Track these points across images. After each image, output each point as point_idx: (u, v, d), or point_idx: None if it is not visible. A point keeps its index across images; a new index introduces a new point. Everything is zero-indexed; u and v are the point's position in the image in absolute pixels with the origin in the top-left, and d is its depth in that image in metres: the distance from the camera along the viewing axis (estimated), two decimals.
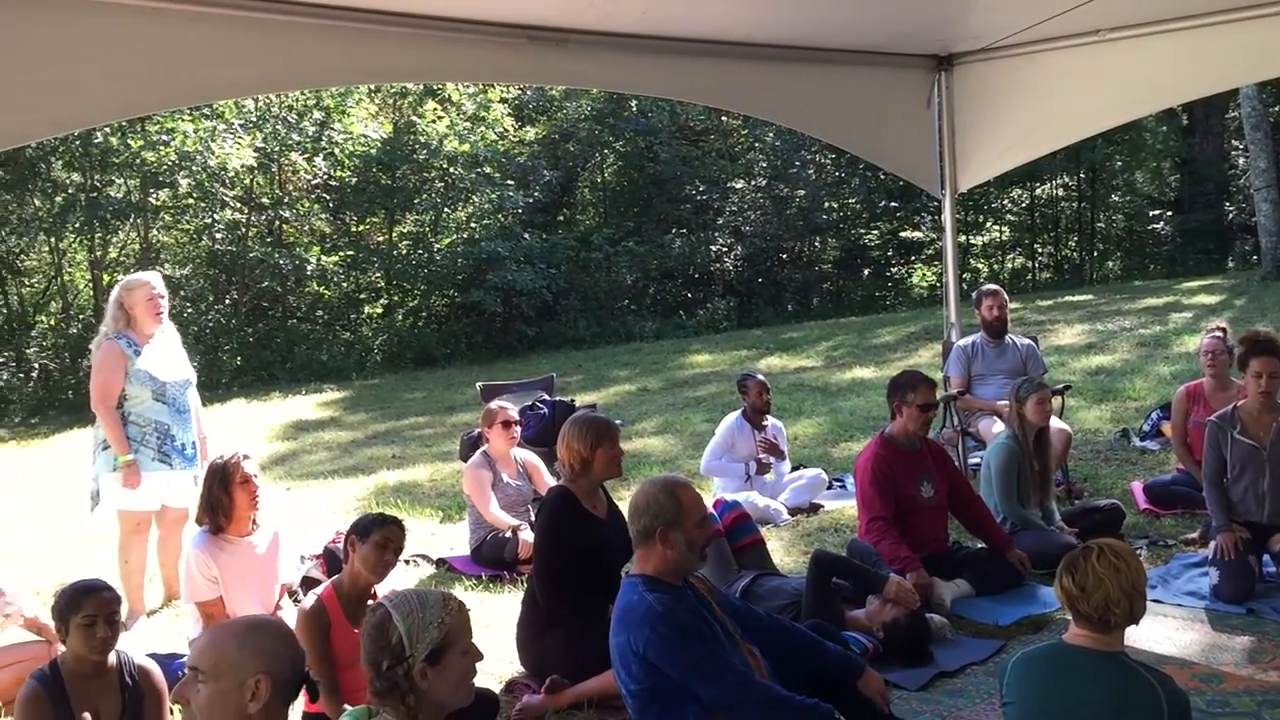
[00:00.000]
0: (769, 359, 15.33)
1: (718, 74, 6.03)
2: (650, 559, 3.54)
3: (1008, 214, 26.12)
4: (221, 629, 2.61)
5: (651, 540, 3.51)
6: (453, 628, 2.64)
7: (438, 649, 2.60)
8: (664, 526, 3.49)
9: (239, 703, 2.41)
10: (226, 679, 2.42)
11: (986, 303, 7.67)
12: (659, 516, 3.50)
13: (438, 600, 2.68)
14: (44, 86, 3.83)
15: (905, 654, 4.68)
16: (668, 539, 3.49)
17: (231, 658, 2.44)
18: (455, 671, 2.64)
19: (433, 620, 2.62)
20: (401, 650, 2.58)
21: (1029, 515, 6.00)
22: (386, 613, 2.65)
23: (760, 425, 7.42)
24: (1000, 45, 6.56)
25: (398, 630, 2.60)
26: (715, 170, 23.78)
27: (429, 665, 2.58)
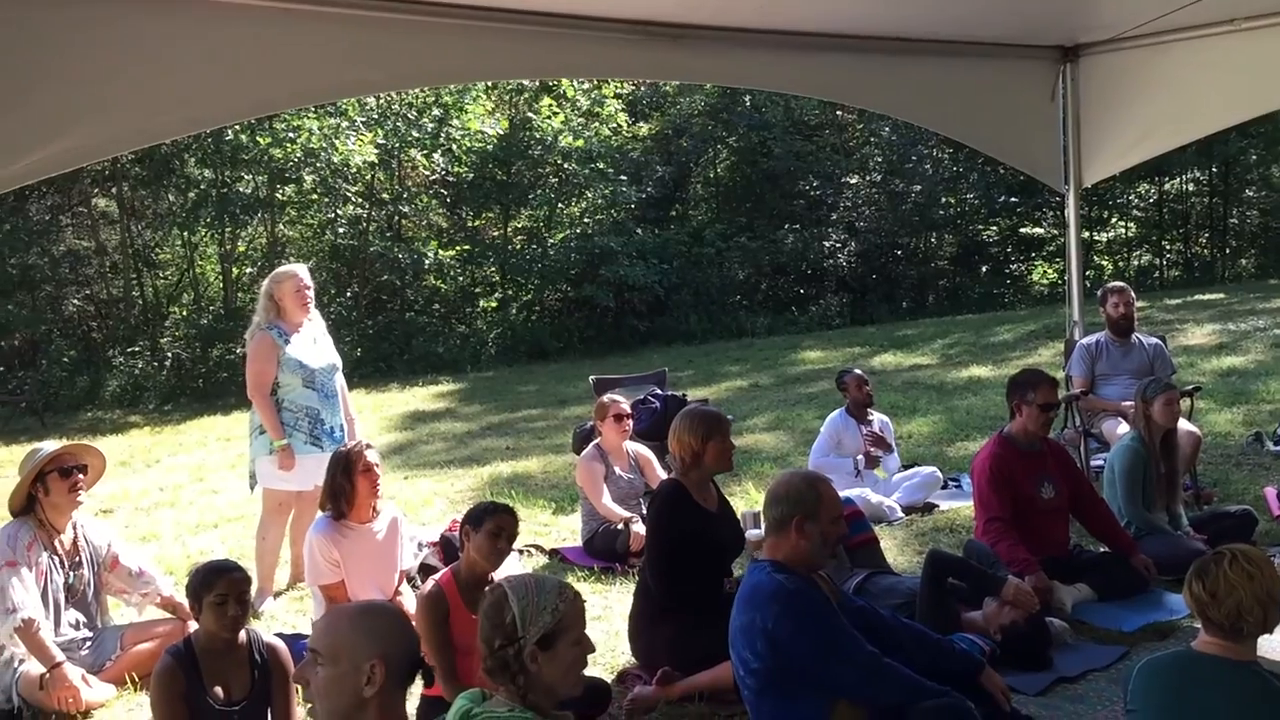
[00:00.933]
0: (882, 356, 15.14)
1: (835, 68, 5.98)
2: (781, 547, 3.54)
3: (1134, 210, 25.30)
4: (338, 613, 2.66)
5: (786, 529, 3.51)
6: (566, 615, 2.67)
7: (550, 634, 2.63)
8: (801, 516, 3.49)
9: (355, 686, 2.45)
10: (343, 663, 2.46)
11: (1113, 300, 7.46)
12: (798, 505, 3.50)
13: (554, 586, 2.72)
14: (182, 87, 3.98)
15: (1023, 658, 4.58)
16: (803, 529, 3.49)
17: (348, 642, 2.48)
18: (566, 659, 2.66)
19: (547, 605, 2.65)
20: (514, 630, 2.62)
21: (1154, 520, 5.82)
22: (504, 592, 2.69)
23: (865, 419, 7.35)
24: (1129, 36, 6.37)
25: (512, 610, 2.64)
26: (829, 165, 23.55)
27: (540, 649, 2.61)
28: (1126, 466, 5.86)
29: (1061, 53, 6.72)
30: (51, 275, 18.71)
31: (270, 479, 6.16)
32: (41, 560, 4.91)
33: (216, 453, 11.56)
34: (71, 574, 5.04)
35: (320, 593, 5.06)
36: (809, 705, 3.37)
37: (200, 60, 3.96)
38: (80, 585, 5.08)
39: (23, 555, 4.82)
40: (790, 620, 3.35)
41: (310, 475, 6.11)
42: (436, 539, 6.55)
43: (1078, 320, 7.39)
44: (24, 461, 5.08)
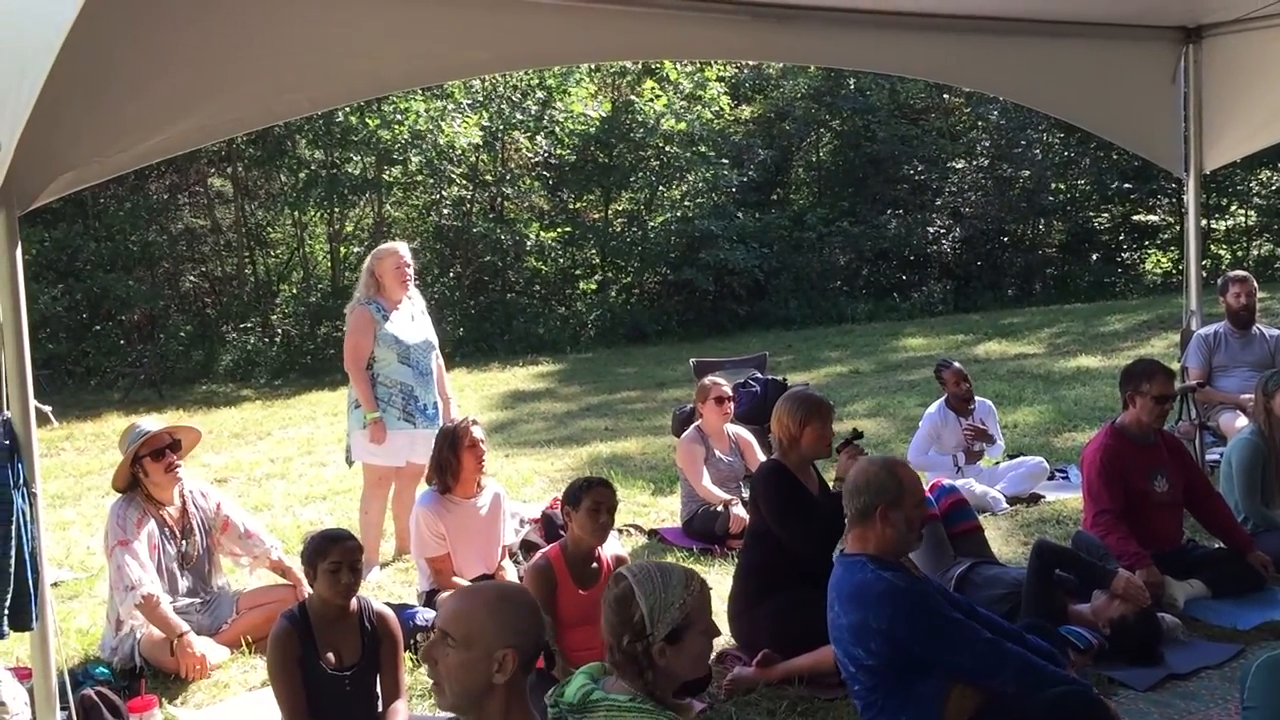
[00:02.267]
0: (986, 344, 14.87)
1: (943, 49, 5.87)
2: (869, 538, 3.53)
3: (1255, 197, 24.35)
4: (474, 596, 2.62)
5: (871, 519, 3.50)
6: (694, 609, 2.66)
7: (678, 629, 2.62)
8: (885, 505, 3.48)
9: (486, 672, 2.43)
10: (476, 648, 2.43)
11: (1234, 290, 7.22)
12: (881, 494, 3.49)
13: (680, 579, 2.68)
14: (301, 68, 4.09)
15: (1134, 653, 4.48)
16: (888, 518, 3.48)
17: (483, 628, 2.45)
18: (693, 650, 2.66)
19: (675, 601, 2.63)
20: (643, 628, 2.61)
21: (1273, 516, 5.64)
22: (630, 588, 2.67)
23: (966, 411, 7.19)
24: (1256, 16, 6.13)
25: (640, 608, 2.62)
26: (935, 150, 23.12)
27: (668, 644, 2.61)
28: (1245, 461, 5.69)
29: (1184, 33, 6.50)
30: (169, 252, 19.31)
31: (364, 453, 6.28)
32: (153, 533, 5.07)
33: (324, 427, 11.86)
34: (184, 542, 5.21)
35: (426, 565, 5.19)
36: (927, 689, 3.36)
37: (318, 41, 4.06)
38: (194, 552, 5.24)
39: (133, 532, 4.97)
40: (907, 618, 3.34)
41: (401, 451, 6.24)
42: (538, 516, 6.64)
43: (1195, 310, 7.17)
44: (121, 440, 5.25)
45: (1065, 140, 22.53)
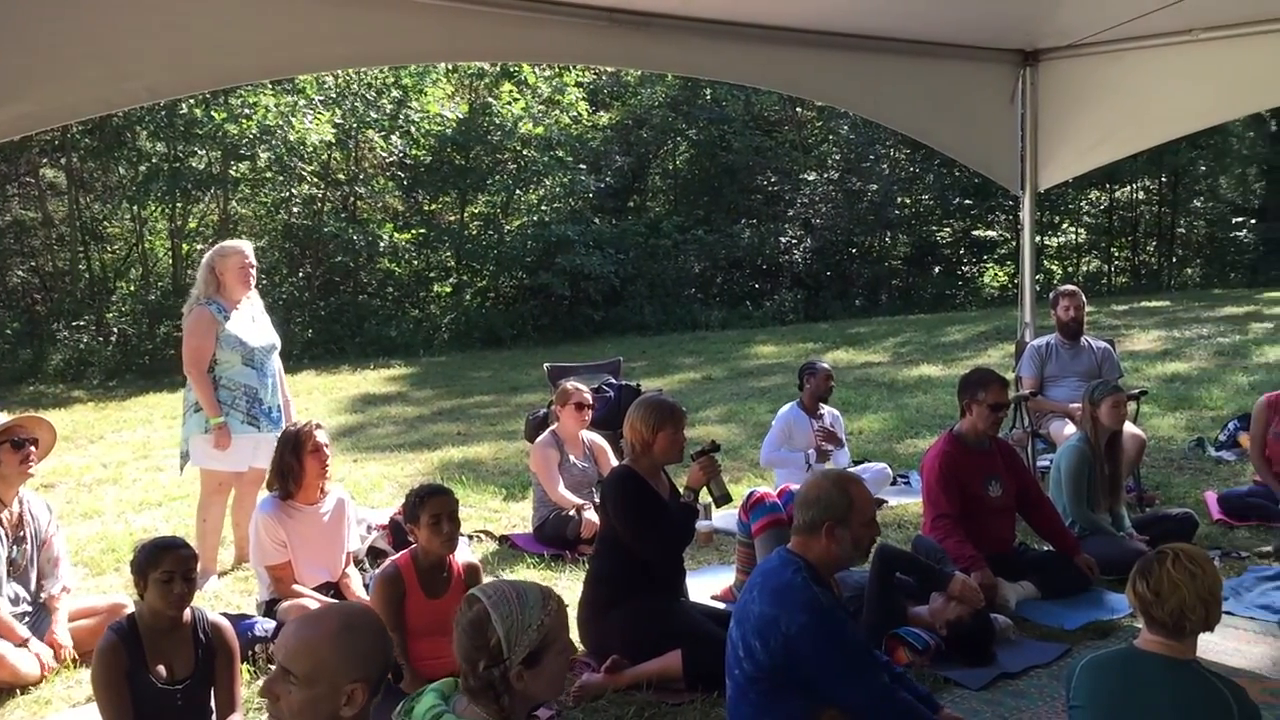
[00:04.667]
0: (835, 353, 15.24)
1: (797, 62, 5.99)
2: (812, 547, 3.50)
3: (1085, 216, 25.66)
4: (315, 627, 2.45)
5: (816, 533, 3.48)
6: (552, 629, 2.57)
7: (536, 651, 2.53)
8: (833, 521, 3.46)
9: (333, 707, 2.35)
10: (322, 684, 2.34)
11: (1064, 303, 7.55)
12: (829, 510, 3.46)
13: (538, 599, 2.58)
14: (142, 54, 3.90)
15: (968, 653, 4.63)
16: (834, 534, 3.46)
17: (328, 664, 2.35)
18: (552, 671, 2.58)
19: (533, 622, 2.53)
20: (500, 652, 2.51)
21: (1098, 520, 5.91)
22: (485, 611, 2.54)
23: (817, 414, 7.36)
24: (1088, 42, 6.44)
25: (496, 633, 2.51)
26: (788, 161, 23.65)
27: (526, 668, 2.52)
28: (1072, 467, 5.94)
29: (1022, 56, 6.78)
30: None
31: (204, 458, 6.07)
32: None
33: (161, 430, 11.39)
34: (14, 548, 4.95)
35: (266, 573, 5.02)
36: (798, 707, 3.37)
37: (162, 28, 3.88)
38: (22, 560, 4.98)
39: None
40: (816, 637, 3.32)
41: (245, 456, 6.05)
42: (385, 522, 6.50)
43: (1029, 322, 7.47)
44: None
45: (911, 156, 23.33)
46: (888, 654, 4.49)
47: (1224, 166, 25.81)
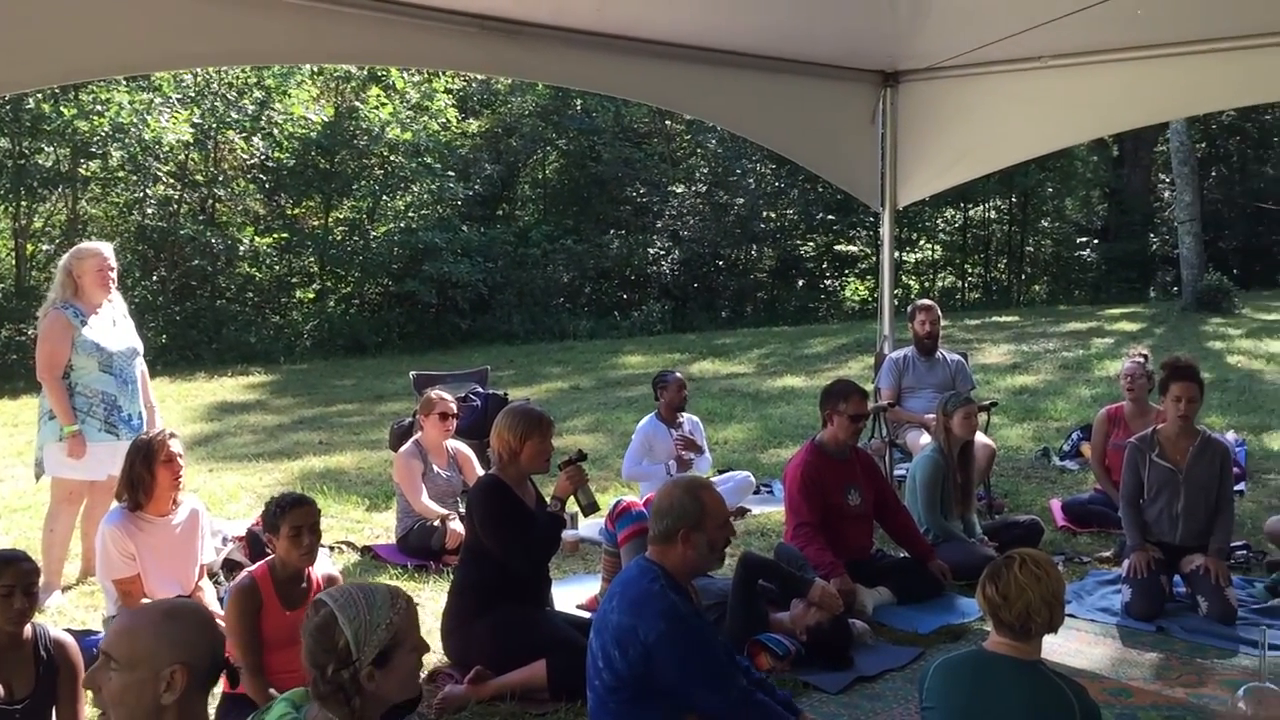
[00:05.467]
0: (701, 363, 15.42)
1: (668, 75, 6.04)
2: (668, 555, 3.53)
3: (941, 233, 26.57)
4: (137, 616, 2.50)
5: (673, 540, 3.51)
6: (401, 627, 2.54)
7: (386, 650, 2.50)
8: (687, 528, 3.49)
9: (153, 693, 2.33)
10: (141, 669, 2.33)
11: (920, 318, 7.79)
12: (682, 518, 3.50)
13: (385, 599, 2.56)
14: None
15: (826, 657, 4.74)
16: (690, 539, 3.50)
17: (147, 648, 2.35)
18: (403, 670, 2.55)
19: (381, 621, 2.50)
20: (348, 654, 2.47)
21: (951, 527, 6.12)
22: (331, 614, 2.51)
23: (676, 424, 7.41)
24: (944, 66, 6.65)
25: (344, 634, 2.48)
26: (656, 173, 23.86)
27: (377, 668, 2.49)
28: (927, 476, 6.14)
29: (882, 77, 6.97)
30: None
31: (59, 467, 5.81)
32: None
33: (3, 439, 10.84)
34: None
35: (113, 588, 4.82)
36: (658, 715, 3.40)
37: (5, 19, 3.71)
38: None
39: None
40: (674, 645, 3.35)
41: (103, 464, 5.81)
42: (242, 534, 6.31)
43: (887, 335, 7.68)
44: None
45: (777, 171, 23.78)
46: (750, 659, 4.56)
47: (1070, 189, 27.06)
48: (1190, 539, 5.56)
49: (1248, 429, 9.50)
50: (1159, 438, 5.66)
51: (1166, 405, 5.64)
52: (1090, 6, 4.90)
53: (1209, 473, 5.55)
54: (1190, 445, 5.58)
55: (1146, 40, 5.83)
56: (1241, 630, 5.07)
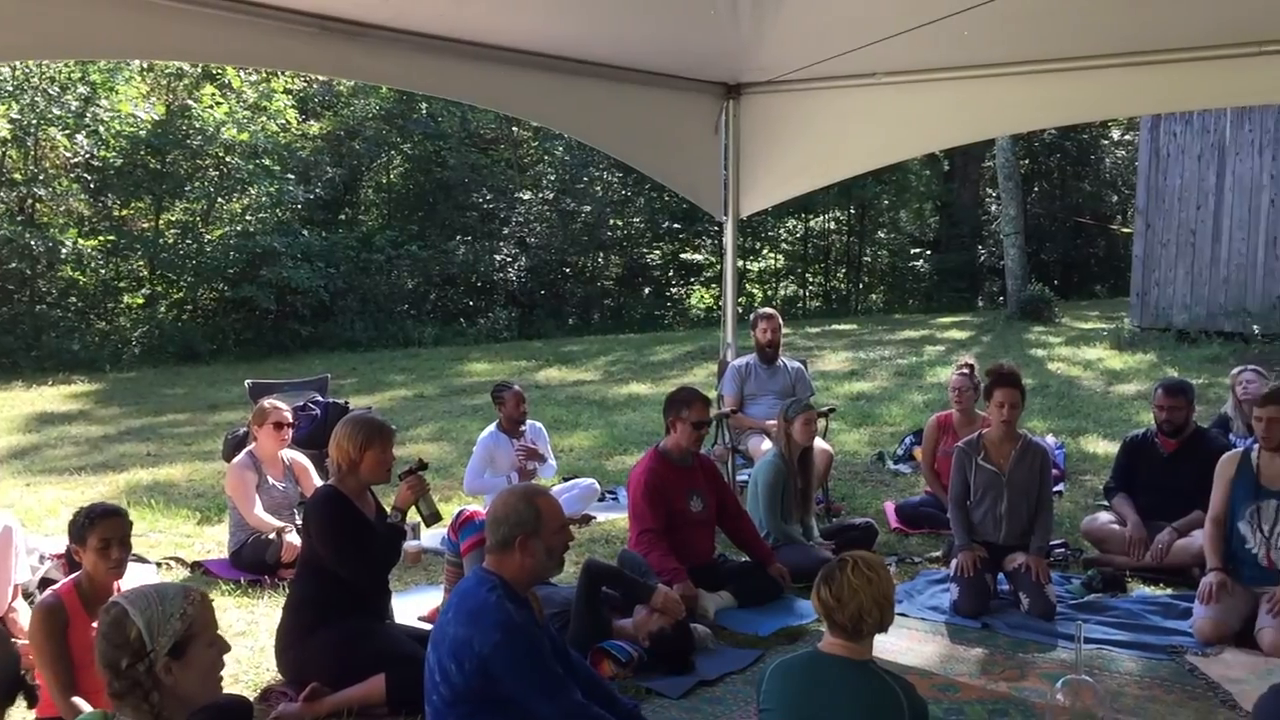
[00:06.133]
0: (548, 371, 15.39)
1: (514, 82, 6.02)
2: (506, 564, 3.49)
3: (783, 243, 27.20)
4: None
5: (510, 549, 3.47)
6: (196, 618, 2.52)
7: (181, 641, 2.48)
8: (524, 535, 3.45)
9: None
10: None
11: (761, 326, 7.95)
12: (519, 525, 3.46)
13: (178, 592, 2.55)
14: None
15: (669, 663, 4.78)
16: (527, 547, 3.46)
17: None
18: (202, 664, 2.52)
19: (174, 612, 2.49)
20: (142, 646, 2.45)
21: (791, 531, 6.25)
22: (122, 609, 2.50)
23: (518, 433, 7.36)
24: (785, 79, 6.81)
25: (136, 625, 2.46)
26: (503, 180, 23.73)
27: (173, 659, 2.46)
28: (769, 481, 6.26)
29: (725, 89, 7.09)
30: None
31: None
32: None
33: None
34: None
35: None
36: None
37: None
38: None
39: None
40: (510, 656, 3.32)
41: None
42: (61, 551, 5.99)
43: (730, 343, 7.81)
44: None
45: (624, 179, 23.95)
46: (593, 667, 4.56)
47: (904, 201, 28.10)
48: (1013, 538, 5.83)
49: (1066, 432, 10.00)
50: (984, 442, 5.90)
51: (991, 411, 5.89)
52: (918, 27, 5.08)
53: (1029, 475, 5.82)
54: (1013, 449, 5.84)
55: (973, 61, 6.09)
56: (1060, 625, 5.34)
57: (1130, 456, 6.57)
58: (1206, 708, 4.47)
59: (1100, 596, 5.84)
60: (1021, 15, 5.03)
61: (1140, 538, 6.19)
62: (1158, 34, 5.39)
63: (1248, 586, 5.27)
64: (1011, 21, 5.14)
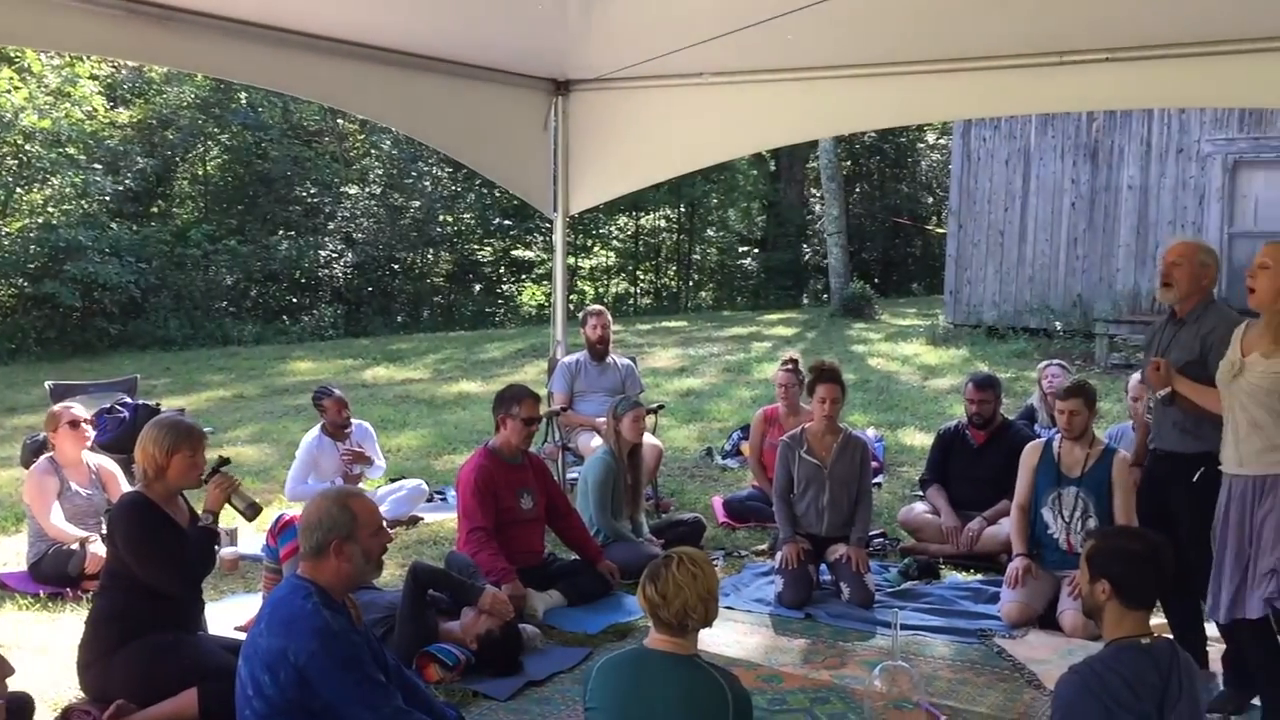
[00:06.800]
0: (375, 369, 15.06)
1: (338, 74, 5.86)
2: (321, 570, 3.37)
3: (614, 240, 27.37)
4: None
5: (325, 554, 3.35)
6: None
7: None
8: (339, 540, 3.34)
9: None
10: None
11: (591, 322, 7.96)
12: (333, 530, 3.34)
13: None
14: None
15: (497, 665, 4.72)
16: (343, 551, 3.35)
17: None
18: None
19: None
20: None
21: (620, 528, 6.28)
22: None
23: (343, 436, 7.12)
24: (613, 77, 6.83)
25: None
26: (329, 174, 23.09)
27: None
28: (598, 479, 6.27)
29: (555, 85, 7.07)
30: None
31: None
32: None
33: None
34: None
35: None
36: None
37: None
38: None
39: None
40: (326, 664, 3.22)
41: None
42: None
43: (560, 340, 7.80)
44: None
45: (454, 175, 23.68)
46: (419, 672, 4.48)
47: (732, 200, 28.65)
48: (834, 530, 6.00)
49: (885, 425, 10.36)
50: (807, 436, 6.06)
51: (813, 406, 6.05)
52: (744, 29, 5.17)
53: (850, 468, 6.00)
54: (834, 442, 6.01)
55: (797, 63, 6.24)
56: (879, 613, 5.52)
57: (943, 448, 6.87)
58: (1013, 688, 4.69)
59: (916, 584, 6.06)
60: (844, 21, 5.18)
61: (952, 526, 6.46)
62: (970, 43, 5.63)
63: (1051, 571, 5.57)
64: (835, 26, 5.28)
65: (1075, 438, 5.57)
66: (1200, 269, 4.55)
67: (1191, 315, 4.56)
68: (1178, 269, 4.56)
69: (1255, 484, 4.04)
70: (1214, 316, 4.51)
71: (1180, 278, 4.56)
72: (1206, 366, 4.37)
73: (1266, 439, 4.01)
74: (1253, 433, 4.04)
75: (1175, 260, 4.58)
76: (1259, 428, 4.02)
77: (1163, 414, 4.62)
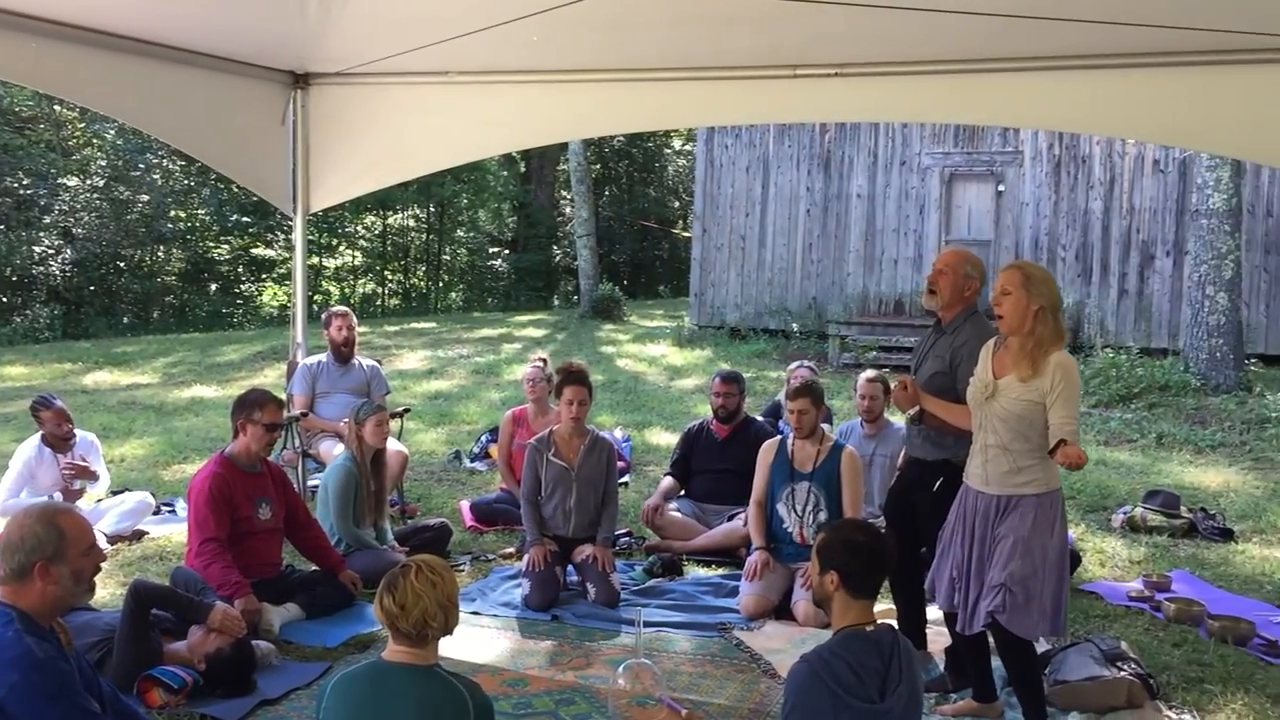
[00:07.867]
0: (97, 374, 14.09)
1: (52, 57, 5.38)
2: (24, 595, 3.06)
3: (361, 240, 26.68)
4: None
5: (28, 577, 3.04)
6: None
7: None
8: (44, 561, 3.04)
9: None
10: None
11: (335, 324, 7.72)
12: (37, 550, 3.04)
13: None
14: None
15: (228, 685, 4.47)
16: (49, 573, 3.05)
17: None
18: None
19: None
20: None
21: (363, 535, 6.10)
22: None
23: (65, 448, 6.63)
24: (355, 72, 6.64)
25: None
26: (44, 164, 21.43)
27: None
28: (340, 485, 6.07)
29: (293, 78, 6.81)
30: None
31: None
32: None
33: None
34: None
35: None
36: None
37: None
38: None
39: None
40: (30, 693, 2.95)
41: None
42: None
43: (301, 342, 7.52)
44: None
45: (186, 168, 22.49)
46: (141, 697, 4.20)
47: (483, 201, 28.51)
48: (581, 530, 6.04)
49: (632, 425, 10.55)
50: (554, 437, 6.07)
51: (561, 408, 6.07)
52: (488, 28, 5.13)
53: (597, 469, 6.06)
54: (581, 444, 6.05)
55: (544, 66, 6.25)
56: (624, 611, 5.59)
57: (688, 445, 7.09)
58: (750, 678, 4.86)
59: (660, 581, 6.19)
60: (589, 26, 5.21)
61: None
62: (710, 52, 5.79)
63: (786, 563, 5.81)
64: (587, 32, 5.32)
65: (805, 435, 5.83)
66: (964, 280, 4.66)
67: (951, 325, 4.71)
68: (942, 277, 4.68)
69: (999, 502, 4.14)
70: (969, 329, 4.64)
71: (944, 286, 4.68)
72: (955, 378, 4.54)
73: (1012, 462, 4.08)
74: (1000, 455, 4.11)
75: (941, 269, 4.71)
76: (1007, 450, 4.09)
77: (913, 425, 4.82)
